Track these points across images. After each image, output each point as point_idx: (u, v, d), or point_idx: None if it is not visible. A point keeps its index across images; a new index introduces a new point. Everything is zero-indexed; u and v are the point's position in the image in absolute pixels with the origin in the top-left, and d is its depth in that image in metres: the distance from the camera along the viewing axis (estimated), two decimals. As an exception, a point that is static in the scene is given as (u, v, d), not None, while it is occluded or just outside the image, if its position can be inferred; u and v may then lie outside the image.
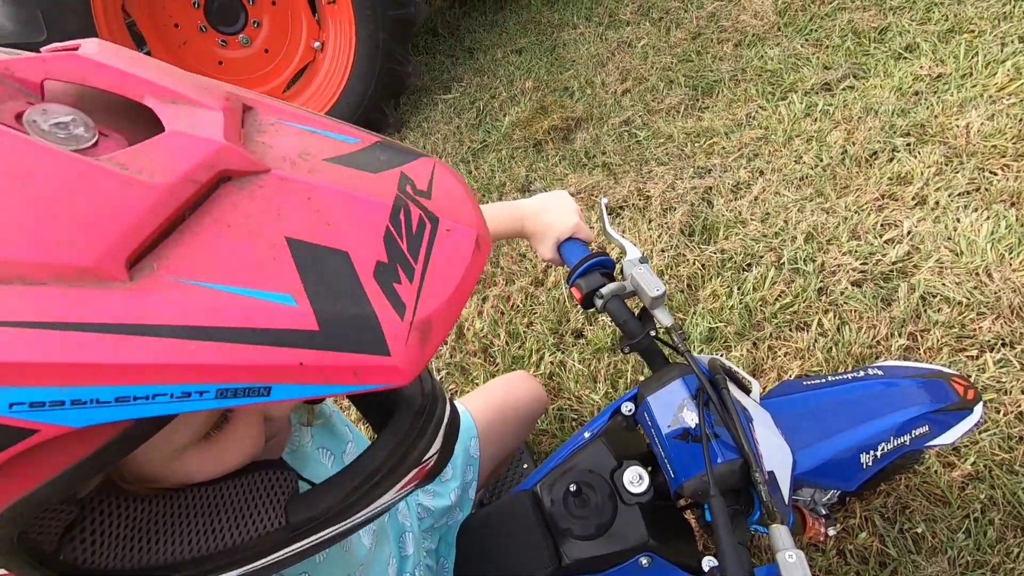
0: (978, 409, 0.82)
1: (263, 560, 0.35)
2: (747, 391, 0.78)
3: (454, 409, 0.42)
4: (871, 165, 1.83)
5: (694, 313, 1.61)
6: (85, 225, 0.23)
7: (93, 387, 0.22)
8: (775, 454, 0.69)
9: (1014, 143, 1.72)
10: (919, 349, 1.38)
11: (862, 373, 0.84)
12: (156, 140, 0.26)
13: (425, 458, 0.39)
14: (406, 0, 2.58)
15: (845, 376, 0.84)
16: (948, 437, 0.79)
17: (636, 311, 0.74)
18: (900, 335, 1.41)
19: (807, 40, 2.44)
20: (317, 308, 0.25)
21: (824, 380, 0.85)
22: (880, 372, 0.84)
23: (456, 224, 0.31)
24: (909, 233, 1.61)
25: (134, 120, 0.28)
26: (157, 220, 0.24)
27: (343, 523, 0.36)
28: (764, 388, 1.40)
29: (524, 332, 1.73)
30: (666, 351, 0.76)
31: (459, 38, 3.54)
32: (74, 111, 0.27)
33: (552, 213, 0.75)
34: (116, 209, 0.23)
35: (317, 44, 2.60)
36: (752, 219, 1.80)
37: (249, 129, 0.31)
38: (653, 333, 0.70)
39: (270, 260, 0.25)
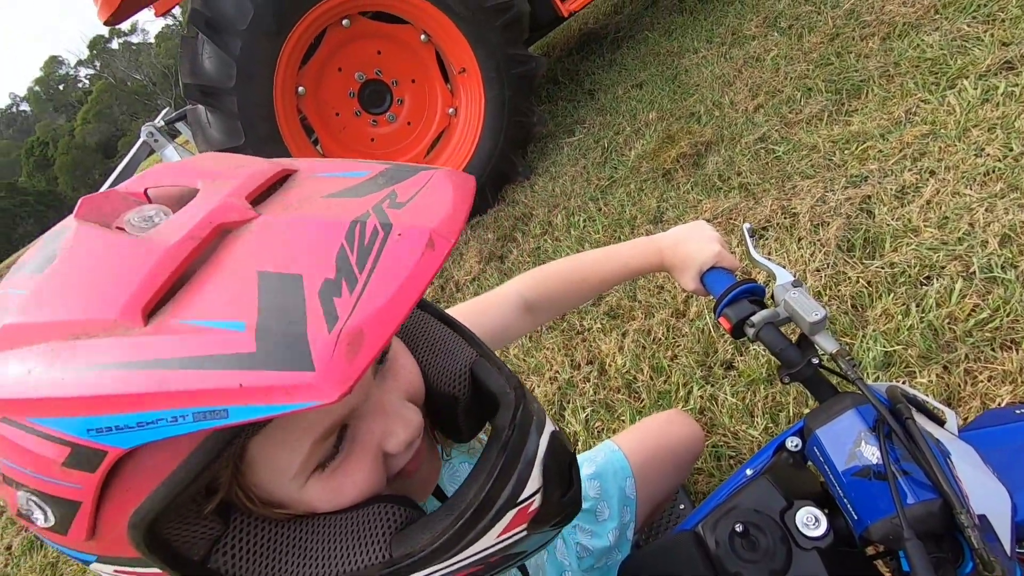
0: None
1: None
2: (940, 422, 0.68)
3: (558, 444, 0.40)
4: (1082, 147, 1.53)
5: (863, 337, 1.44)
6: (117, 289, 0.29)
7: (120, 415, 0.27)
8: (986, 495, 0.59)
9: None
10: None
11: (1099, 398, 0.69)
12: (178, 213, 0.33)
13: (521, 499, 0.37)
14: (527, 57, 2.75)
15: (1074, 402, 0.70)
16: None
17: (793, 338, 0.69)
18: None
19: (975, 18, 2.15)
20: (259, 331, 0.27)
21: (1045, 408, 0.71)
22: None
23: (410, 228, 0.31)
24: None
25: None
26: (165, 274, 0.29)
27: (444, 564, 0.36)
28: (964, 419, 1.20)
29: (668, 366, 1.68)
30: (834, 380, 0.70)
31: (579, 82, 3.66)
32: (157, 207, 0.34)
33: (692, 244, 0.74)
34: (133, 271, 0.30)
35: (451, 110, 2.86)
36: (926, 226, 1.59)
37: (285, 187, 0.36)
38: (816, 361, 0.65)
39: (239, 293, 0.28)
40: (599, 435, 1.63)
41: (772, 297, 0.70)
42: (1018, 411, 0.72)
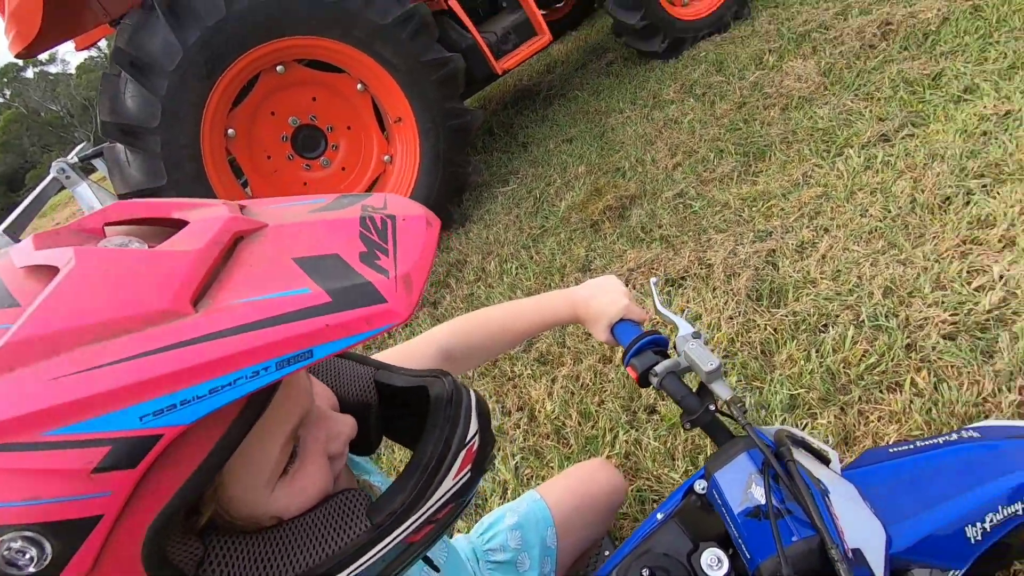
0: (1105, 471, 0.73)
1: (365, 559, 0.41)
2: (826, 462, 0.74)
3: (479, 396, 0.50)
4: (945, 211, 1.75)
5: (771, 381, 1.54)
6: (157, 286, 0.31)
7: (191, 387, 0.29)
8: (862, 529, 0.65)
9: (1107, 172, 1.60)
10: (1035, 404, 1.25)
11: (956, 436, 0.78)
12: (187, 228, 0.37)
13: (467, 440, 0.46)
14: (463, 111, 2.85)
15: (937, 441, 0.78)
16: (1071, 506, 0.71)
17: (695, 386, 0.74)
18: (1009, 390, 1.28)
19: (856, 95, 2.44)
20: (326, 288, 0.33)
21: (913, 446, 0.79)
22: (977, 434, 0.78)
23: (408, 215, 0.40)
24: (1001, 278, 1.50)
25: (162, 232, 0.39)
26: (202, 271, 0.33)
27: (418, 513, 0.43)
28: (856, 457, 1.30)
29: (596, 411, 1.72)
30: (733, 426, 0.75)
31: (513, 134, 3.81)
32: (126, 236, 0.37)
33: (602, 298, 0.79)
34: (172, 270, 0.32)
35: (387, 158, 2.90)
36: (822, 278, 1.75)
37: (247, 214, 0.41)
38: (713, 408, 0.70)
39: (285, 274, 0.34)
40: (528, 483, 1.63)
41: (675, 347, 0.75)
42: (892, 450, 0.80)
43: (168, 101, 2.23)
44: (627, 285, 2.12)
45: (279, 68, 2.52)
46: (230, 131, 2.51)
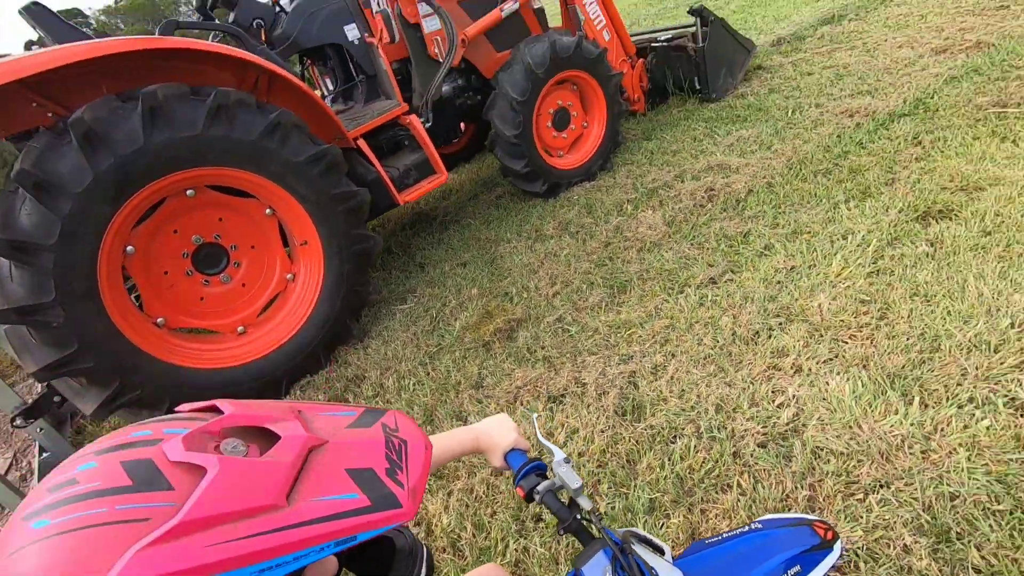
0: (837, 546, 1.07)
1: None
2: (662, 553, 1.01)
3: (429, 550, 0.70)
4: (755, 343, 2.26)
5: (635, 487, 1.83)
6: (267, 487, 0.49)
7: (284, 556, 0.46)
8: (682, 604, 0.90)
9: (855, 317, 2.20)
10: (819, 498, 1.64)
11: (747, 528, 1.09)
12: (281, 443, 0.55)
13: None
14: (366, 236, 3.10)
15: (735, 532, 1.08)
16: (817, 573, 1.02)
17: (567, 500, 0.99)
18: (802, 487, 1.67)
19: (692, 244, 3.07)
20: (367, 495, 0.51)
21: (721, 537, 1.08)
22: (760, 525, 1.09)
23: (414, 441, 0.61)
24: (794, 397, 1.97)
25: (255, 434, 0.56)
26: (292, 475, 0.50)
27: None
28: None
29: (488, 522, 1.88)
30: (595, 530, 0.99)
31: (411, 255, 4.11)
32: (235, 440, 0.54)
33: (496, 433, 1.03)
34: (277, 476, 0.49)
35: (290, 276, 3.02)
36: (671, 396, 2.14)
37: (307, 421, 0.60)
38: (579, 516, 0.94)
39: (340, 480, 0.52)
40: (426, 599, 1.72)
41: (552, 470, 1.00)
42: (707, 541, 1.09)
43: (69, 220, 2.24)
44: (515, 401, 2.38)
45: (189, 192, 2.63)
46: (129, 248, 2.53)
